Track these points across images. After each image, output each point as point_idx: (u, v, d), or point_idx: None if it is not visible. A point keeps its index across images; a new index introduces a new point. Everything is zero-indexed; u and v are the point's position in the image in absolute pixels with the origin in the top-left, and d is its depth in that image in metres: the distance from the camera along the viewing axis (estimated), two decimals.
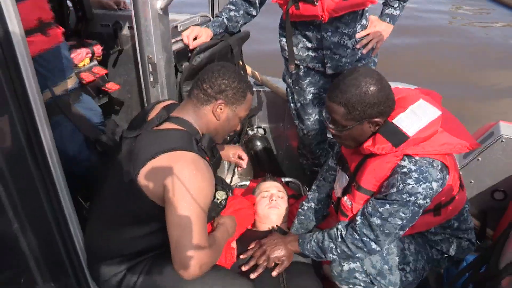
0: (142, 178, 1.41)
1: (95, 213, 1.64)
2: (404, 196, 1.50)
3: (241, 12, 2.29)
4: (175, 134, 1.50)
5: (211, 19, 2.41)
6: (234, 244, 2.05)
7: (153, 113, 1.64)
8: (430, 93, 1.70)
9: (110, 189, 1.57)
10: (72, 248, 1.54)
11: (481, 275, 1.51)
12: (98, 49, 2.19)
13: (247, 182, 2.82)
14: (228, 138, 2.65)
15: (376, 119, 1.56)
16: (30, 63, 1.20)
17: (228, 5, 2.30)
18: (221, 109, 1.58)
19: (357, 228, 1.62)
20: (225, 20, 2.27)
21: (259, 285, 1.79)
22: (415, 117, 1.55)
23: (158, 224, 1.51)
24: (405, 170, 1.51)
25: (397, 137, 1.53)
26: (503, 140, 2.26)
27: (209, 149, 1.58)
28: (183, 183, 1.36)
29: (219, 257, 1.62)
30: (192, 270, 1.37)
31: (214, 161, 1.63)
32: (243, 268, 1.86)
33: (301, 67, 2.36)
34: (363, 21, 2.24)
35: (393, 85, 1.65)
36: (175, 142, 1.45)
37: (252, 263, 1.87)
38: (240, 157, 2.07)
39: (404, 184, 1.50)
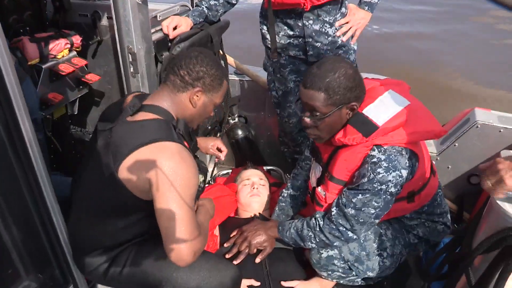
0: (123, 172, 1.39)
1: (76, 205, 1.63)
2: (376, 185, 1.54)
3: (221, 1, 2.28)
4: (153, 124, 1.47)
5: (191, 8, 2.40)
6: (216, 232, 2.07)
7: (126, 104, 1.59)
8: (399, 83, 1.72)
9: (90, 182, 1.55)
10: (55, 239, 1.54)
11: (456, 255, 1.56)
12: (77, 39, 2.17)
13: (229, 171, 2.84)
14: (210, 127, 2.66)
15: (353, 103, 1.58)
16: (9, 57, 1.18)
17: None
18: (197, 96, 1.55)
19: (333, 219, 1.65)
20: (205, 9, 2.26)
21: (242, 272, 1.82)
22: (384, 107, 1.58)
23: (139, 215, 1.52)
24: (375, 159, 1.54)
25: (367, 127, 1.55)
26: (478, 126, 2.32)
27: (186, 134, 1.57)
28: (169, 175, 1.35)
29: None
30: (187, 258, 1.38)
31: (193, 146, 1.63)
32: (227, 256, 1.89)
33: (282, 55, 2.37)
34: (343, 9, 2.26)
35: (363, 76, 1.67)
36: (154, 133, 1.42)
37: (234, 250, 1.91)
38: (219, 149, 2.09)
39: (375, 174, 1.53)
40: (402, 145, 1.57)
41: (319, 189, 1.75)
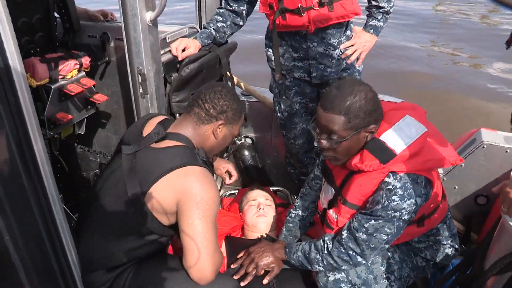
0: (150, 196, 1.47)
1: (91, 226, 1.65)
2: (389, 212, 1.52)
3: (228, 23, 2.32)
4: (178, 150, 1.55)
5: (199, 30, 2.44)
6: (224, 253, 2.06)
7: (147, 128, 1.67)
8: (415, 108, 1.69)
9: (109, 203, 1.59)
10: (64, 260, 1.54)
11: (467, 276, 1.54)
12: (86, 60, 2.19)
13: (236, 192, 2.84)
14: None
15: (372, 127, 1.55)
16: (24, 76, 1.20)
17: (215, 16, 2.34)
18: (219, 129, 1.65)
19: (343, 242, 1.64)
20: (212, 31, 2.30)
21: None
22: (402, 133, 1.55)
23: (153, 237, 1.57)
24: (390, 186, 1.52)
25: (385, 154, 1.53)
26: (485, 146, 2.32)
27: (207, 162, 1.64)
28: (196, 195, 1.45)
29: None
30: (210, 275, 1.50)
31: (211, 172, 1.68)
32: (234, 277, 1.87)
33: (287, 77, 2.39)
34: (348, 32, 2.29)
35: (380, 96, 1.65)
36: (181, 158, 1.51)
37: (242, 271, 1.88)
38: (229, 172, 2.11)
39: (389, 201, 1.51)
40: (417, 173, 1.55)
41: (331, 212, 1.73)
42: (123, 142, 1.69)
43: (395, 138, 1.54)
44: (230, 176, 2.12)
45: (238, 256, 1.99)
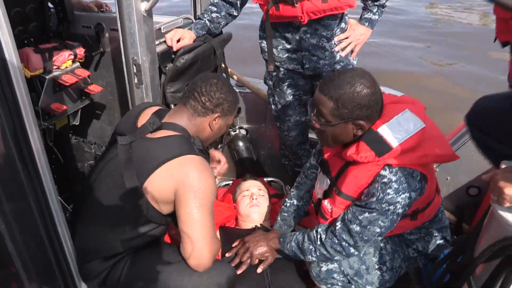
0: (148, 186, 1.49)
1: (86, 217, 1.66)
2: (384, 206, 1.54)
3: (222, 13, 2.32)
4: (175, 140, 1.57)
5: (194, 21, 2.44)
6: None
7: (142, 118, 1.67)
8: (415, 102, 1.69)
9: (106, 193, 1.61)
10: (60, 249, 1.55)
11: (457, 264, 1.57)
12: (80, 51, 2.18)
13: (230, 182, 2.86)
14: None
15: (361, 122, 1.56)
16: (19, 66, 1.20)
17: (210, 7, 2.33)
18: (216, 121, 1.67)
19: (336, 233, 1.66)
20: (207, 22, 2.30)
21: (244, 282, 1.83)
22: (400, 127, 1.56)
23: (150, 227, 1.59)
24: (385, 180, 1.53)
25: (381, 147, 1.54)
26: None
27: (202, 150, 1.65)
28: (194, 184, 1.47)
29: None
30: (207, 263, 1.53)
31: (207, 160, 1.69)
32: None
33: (281, 69, 2.40)
34: (342, 24, 2.29)
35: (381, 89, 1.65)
36: (178, 148, 1.53)
37: (236, 260, 1.91)
38: (218, 161, 2.11)
39: (384, 194, 1.53)
40: (413, 167, 1.56)
41: (326, 202, 1.74)
42: (117, 133, 1.69)
43: (393, 132, 1.55)
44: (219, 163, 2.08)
45: (233, 246, 2.01)
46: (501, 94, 1.62)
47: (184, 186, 1.47)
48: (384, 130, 1.56)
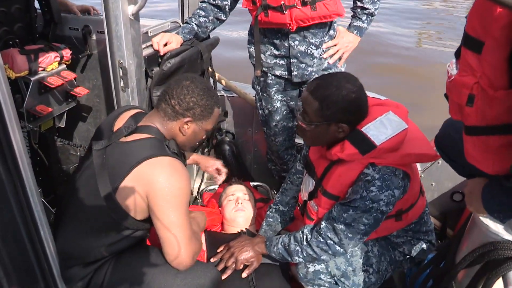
0: (121, 192, 1.47)
1: (67, 221, 1.64)
2: (367, 203, 1.56)
3: (210, 17, 2.32)
4: (145, 142, 1.53)
5: (181, 25, 2.43)
6: (203, 246, 2.07)
7: (119, 122, 1.64)
8: (398, 106, 1.73)
9: (83, 200, 1.58)
10: (42, 253, 1.53)
11: (440, 270, 1.59)
12: (67, 53, 2.17)
13: (216, 187, 2.85)
14: (197, 143, 2.67)
15: (343, 125, 1.59)
16: (1, 66, 1.19)
17: (198, 11, 2.33)
18: (187, 125, 1.61)
19: (322, 232, 1.67)
20: (194, 26, 2.30)
21: (229, 287, 1.82)
22: (383, 127, 1.59)
23: (128, 232, 1.57)
24: (369, 177, 1.57)
25: (365, 145, 1.56)
26: None
27: (178, 153, 1.62)
28: (164, 187, 1.44)
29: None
30: (187, 261, 1.52)
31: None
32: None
33: (268, 74, 2.40)
34: (331, 32, 2.31)
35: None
36: (147, 150, 1.49)
37: (221, 265, 1.90)
38: (218, 171, 2.12)
39: (368, 192, 1.56)
40: (396, 166, 1.59)
41: (312, 203, 1.77)
42: (95, 137, 1.67)
43: (376, 131, 1.58)
44: (220, 174, 2.14)
45: (218, 250, 2.00)
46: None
47: (154, 189, 1.44)
48: (368, 130, 1.59)
